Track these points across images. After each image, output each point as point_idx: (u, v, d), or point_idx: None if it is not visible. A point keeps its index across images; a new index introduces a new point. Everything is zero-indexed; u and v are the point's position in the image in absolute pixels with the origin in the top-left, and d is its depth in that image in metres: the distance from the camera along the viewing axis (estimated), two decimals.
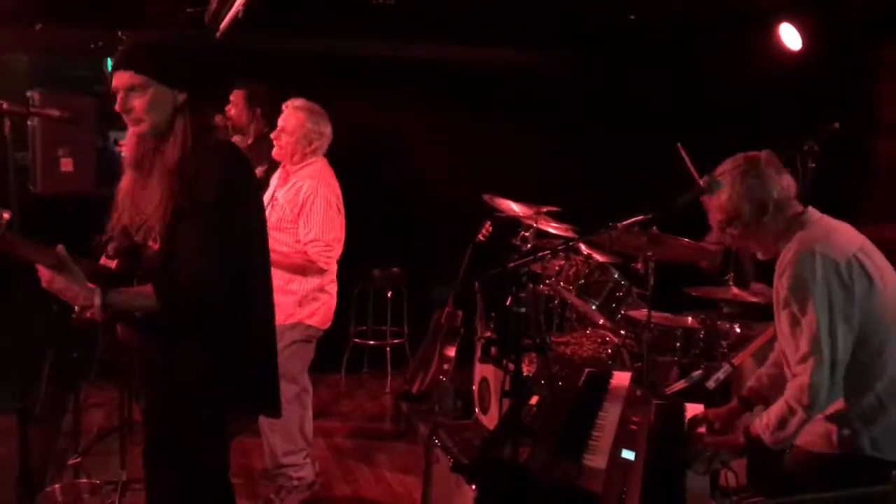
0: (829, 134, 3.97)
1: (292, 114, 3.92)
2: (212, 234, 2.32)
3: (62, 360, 4.68)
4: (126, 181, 2.48)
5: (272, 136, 4.00)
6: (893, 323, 2.41)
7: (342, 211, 3.96)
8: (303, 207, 3.81)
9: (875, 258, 2.45)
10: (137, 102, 2.37)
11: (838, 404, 2.39)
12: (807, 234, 2.44)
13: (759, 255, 2.62)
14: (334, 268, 4.02)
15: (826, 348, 2.31)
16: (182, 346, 2.43)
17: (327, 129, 3.98)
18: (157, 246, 2.36)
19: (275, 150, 3.98)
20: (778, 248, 2.51)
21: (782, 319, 2.44)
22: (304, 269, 3.83)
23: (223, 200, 2.32)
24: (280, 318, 3.74)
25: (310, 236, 3.80)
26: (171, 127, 2.38)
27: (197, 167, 2.33)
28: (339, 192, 3.95)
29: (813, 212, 2.53)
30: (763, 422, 2.42)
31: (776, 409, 2.40)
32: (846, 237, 2.47)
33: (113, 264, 2.51)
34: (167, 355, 2.46)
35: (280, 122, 3.95)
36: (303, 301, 3.87)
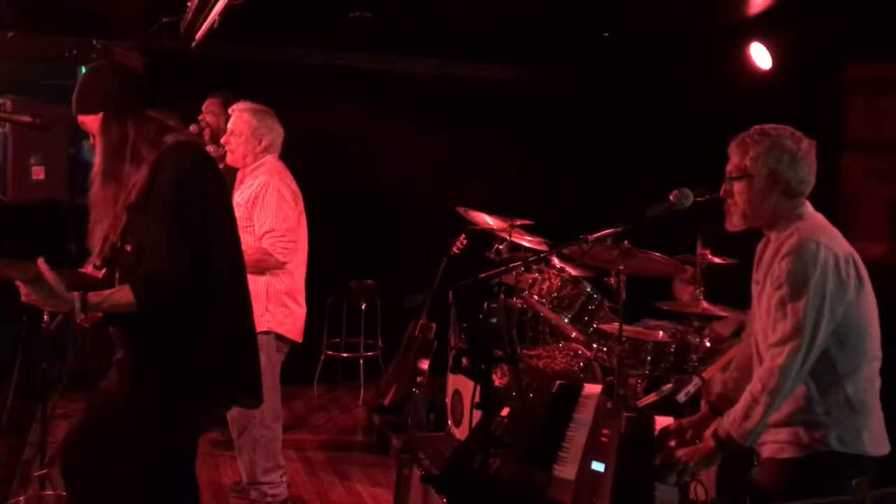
0: None
1: (239, 116, 3.92)
2: (171, 231, 2.43)
3: (30, 370, 4.63)
4: (94, 190, 2.59)
5: (222, 141, 3.98)
6: (869, 327, 2.47)
7: (300, 206, 3.90)
8: (255, 201, 3.77)
9: (863, 263, 2.50)
10: (91, 130, 2.60)
11: (802, 403, 2.42)
12: (808, 224, 2.48)
13: (735, 221, 2.60)
14: (301, 275, 3.98)
15: (807, 337, 2.34)
16: (154, 340, 2.51)
17: (276, 127, 3.94)
18: (128, 247, 2.48)
19: (228, 155, 3.96)
20: (767, 226, 2.55)
21: (769, 300, 2.46)
22: (261, 263, 3.73)
23: (179, 198, 2.46)
24: None
25: (264, 228, 3.75)
26: (123, 140, 2.53)
27: (154, 169, 2.47)
28: (294, 188, 3.89)
29: (809, 206, 2.55)
30: (730, 417, 2.44)
31: (742, 401, 2.42)
32: (841, 236, 2.52)
33: (101, 274, 2.62)
34: (142, 350, 2.55)
35: (229, 126, 3.95)
36: (269, 305, 3.81)
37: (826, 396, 2.42)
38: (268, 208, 3.75)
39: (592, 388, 3.14)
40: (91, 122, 2.59)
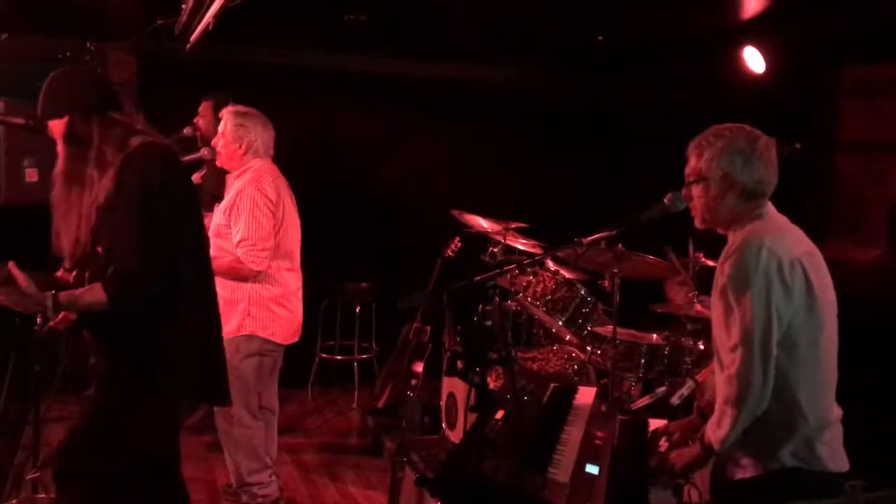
0: (791, 153, 4.05)
1: (223, 120, 3.93)
2: (141, 231, 2.44)
3: (23, 373, 4.60)
4: (55, 193, 2.60)
5: (212, 143, 3.99)
6: (821, 337, 2.39)
7: (284, 212, 3.85)
8: (231, 209, 3.77)
9: (818, 269, 2.42)
10: (57, 136, 2.60)
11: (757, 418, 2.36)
12: (759, 225, 2.42)
13: (697, 223, 2.57)
14: (291, 281, 3.94)
15: (757, 341, 2.28)
16: (128, 343, 2.53)
17: (258, 129, 3.90)
18: (99, 249, 2.50)
19: (217, 158, 3.96)
20: (725, 227, 2.50)
21: (719, 306, 2.41)
22: (237, 272, 3.71)
23: (148, 198, 2.46)
24: (231, 328, 3.72)
25: (238, 237, 3.73)
26: (88, 143, 2.54)
27: (123, 170, 2.48)
28: (274, 194, 3.80)
29: (771, 207, 2.50)
30: (709, 423, 2.41)
31: (716, 409, 2.39)
32: (796, 239, 2.45)
33: (71, 277, 2.62)
34: (117, 353, 2.58)
35: (218, 129, 3.97)
36: (251, 309, 3.79)
37: (778, 409, 2.34)
38: (241, 217, 3.73)
39: (587, 391, 3.14)
40: (57, 126, 2.58)
